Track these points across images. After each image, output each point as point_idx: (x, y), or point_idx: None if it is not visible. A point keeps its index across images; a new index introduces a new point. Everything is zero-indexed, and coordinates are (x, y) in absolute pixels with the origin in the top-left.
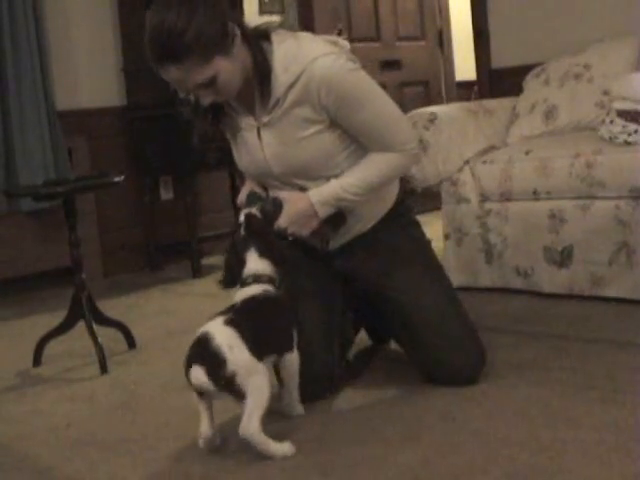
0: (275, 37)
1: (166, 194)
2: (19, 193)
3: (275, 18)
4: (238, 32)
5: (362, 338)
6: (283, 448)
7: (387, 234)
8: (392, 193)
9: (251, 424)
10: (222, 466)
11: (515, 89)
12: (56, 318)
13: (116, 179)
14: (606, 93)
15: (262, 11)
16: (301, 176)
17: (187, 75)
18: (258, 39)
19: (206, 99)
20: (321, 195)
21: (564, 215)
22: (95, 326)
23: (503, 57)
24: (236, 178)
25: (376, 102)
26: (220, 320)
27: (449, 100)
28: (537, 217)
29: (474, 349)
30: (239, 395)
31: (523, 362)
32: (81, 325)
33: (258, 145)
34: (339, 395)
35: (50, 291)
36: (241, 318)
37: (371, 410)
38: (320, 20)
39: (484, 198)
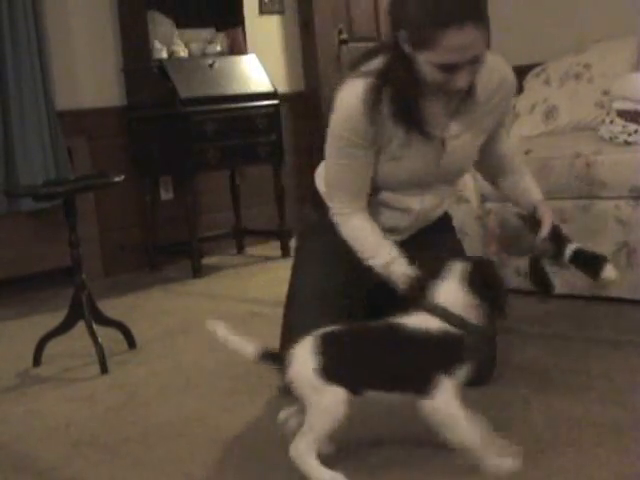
0: None
1: (166, 194)
2: (19, 193)
3: (275, 18)
4: None
5: None
6: (331, 476)
7: (434, 232)
8: None
9: (300, 444)
10: (222, 466)
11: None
12: (56, 318)
13: (116, 179)
14: (606, 93)
15: (262, 11)
16: (448, 182)
17: (478, 38)
18: None
19: (465, 78)
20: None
21: (564, 215)
22: (95, 326)
23: (503, 57)
24: (236, 178)
25: None
26: (323, 330)
27: None
28: None
29: (488, 351)
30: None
31: (523, 362)
32: (81, 325)
33: (437, 154)
34: None
35: (50, 291)
36: (339, 336)
37: (369, 410)
38: (320, 20)
39: (484, 198)
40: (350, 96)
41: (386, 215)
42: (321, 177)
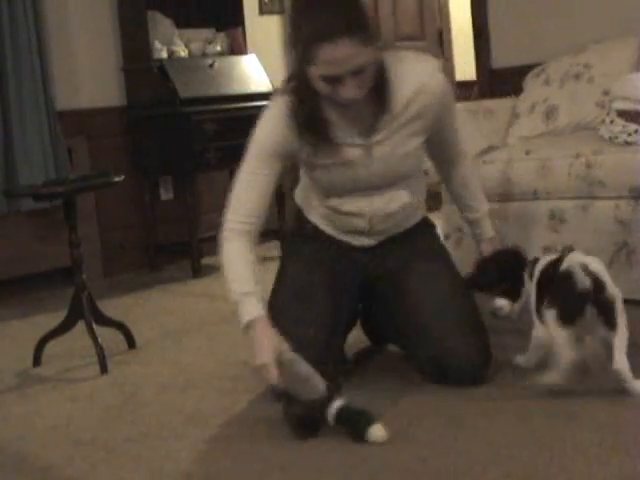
0: (386, 54)
1: (166, 194)
2: (19, 193)
3: (275, 18)
4: None
5: (362, 338)
6: None
7: (415, 236)
8: (423, 201)
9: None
10: (222, 466)
11: (515, 89)
12: (56, 318)
13: (116, 179)
14: (606, 93)
15: (262, 11)
16: (393, 186)
17: (353, 52)
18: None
19: (349, 90)
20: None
21: (564, 215)
22: (95, 326)
23: (503, 57)
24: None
25: (456, 108)
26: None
27: None
28: (537, 217)
29: (481, 350)
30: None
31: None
32: (81, 325)
33: (364, 162)
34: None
35: (50, 291)
36: None
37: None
38: None
39: None
40: (269, 114)
41: (341, 220)
42: (299, 187)
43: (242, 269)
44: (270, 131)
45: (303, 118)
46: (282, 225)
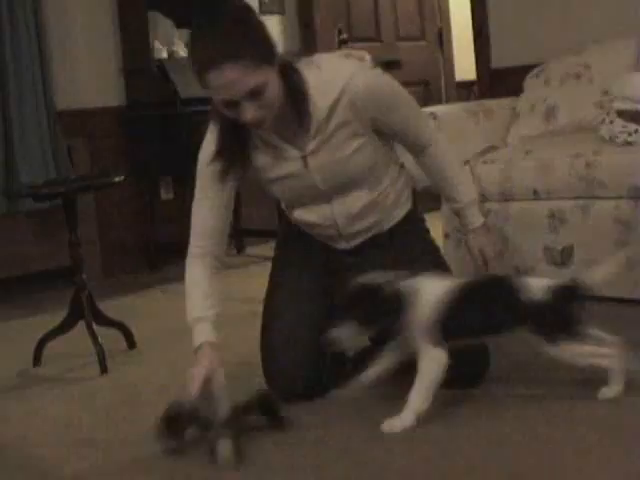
0: (301, 64)
1: (166, 194)
2: (19, 193)
3: (275, 18)
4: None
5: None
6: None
7: (402, 235)
8: (407, 196)
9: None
10: (222, 466)
11: (515, 89)
12: (56, 318)
13: (116, 179)
14: (606, 93)
15: (262, 11)
16: (346, 189)
17: (241, 76)
18: (287, 69)
19: (248, 113)
20: (478, 212)
21: (564, 215)
22: (95, 326)
23: (503, 57)
24: None
25: (407, 98)
26: None
27: (449, 100)
28: (537, 217)
29: (480, 350)
30: None
31: (523, 362)
32: (81, 325)
33: (305, 172)
34: (338, 395)
35: (50, 291)
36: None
37: (370, 410)
38: (320, 20)
39: (484, 198)
40: (205, 139)
41: (311, 228)
42: None
43: (196, 295)
44: (206, 156)
45: (222, 143)
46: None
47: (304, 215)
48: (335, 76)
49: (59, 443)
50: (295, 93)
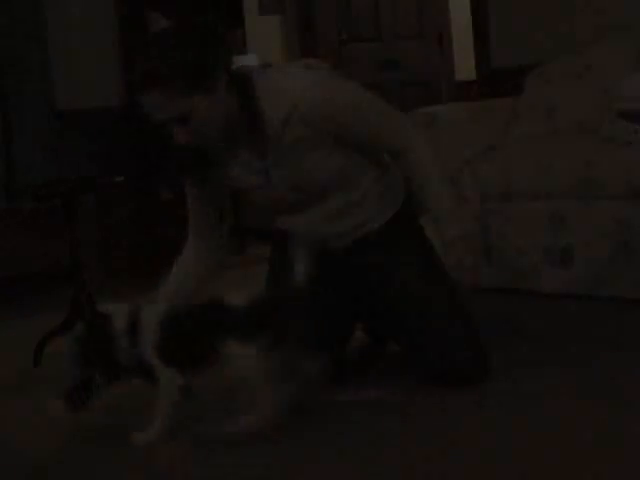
0: (255, 76)
1: (166, 194)
2: (19, 193)
3: (275, 18)
4: (224, 77)
5: (362, 338)
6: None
7: (394, 234)
8: (398, 192)
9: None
10: (222, 466)
11: (515, 89)
12: (56, 318)
13: (116, 179)
14: (606, 93)
15: (262, 11)
16: (318, 195)
17: (166, 102)
18: (241, 82)
19: (179, 137)
20: (455, 221)
21: (564, 215)
22: None
23: (503, 57)
24: None
25: (369, 108)
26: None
27: (449, 100)
28: (537, 217)
29: (480, 350)
30: None
31: (523, 362)
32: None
33: (269, 185)
34: (338, 395)
35: (50, 291)
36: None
37: (370, 410)
38: (320, 20)
39: (484, 198)
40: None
41: (294, 232)
42: None
43: (170, 281)
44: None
45: (176, 160)
46: None
47: (283, 222)
48: (288, 90)
49: (59, 443)
50: (248, 109)
